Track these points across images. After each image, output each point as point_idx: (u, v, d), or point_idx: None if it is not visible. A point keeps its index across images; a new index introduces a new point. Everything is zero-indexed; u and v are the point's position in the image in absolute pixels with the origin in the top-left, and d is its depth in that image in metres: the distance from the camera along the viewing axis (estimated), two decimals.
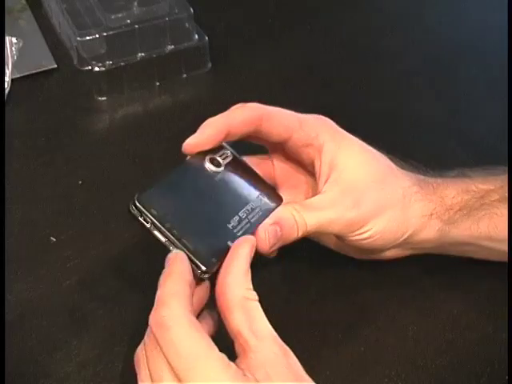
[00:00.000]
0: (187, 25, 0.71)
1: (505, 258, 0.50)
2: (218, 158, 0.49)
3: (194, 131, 0.52)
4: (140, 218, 0.44)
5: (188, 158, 0.48)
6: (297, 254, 0.55)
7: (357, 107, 0.70)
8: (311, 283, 0.54)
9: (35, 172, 0.63)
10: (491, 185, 0.51)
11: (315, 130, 0.50)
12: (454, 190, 0.51)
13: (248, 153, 0.52)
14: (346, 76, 0.74)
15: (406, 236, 0.50)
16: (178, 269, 0.42)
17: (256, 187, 0.49)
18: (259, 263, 0.54)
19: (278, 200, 0.49)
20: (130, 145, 0.65)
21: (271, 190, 0.50)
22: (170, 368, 0.39)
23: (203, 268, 0.43)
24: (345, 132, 0.51)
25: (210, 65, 0.73)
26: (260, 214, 0.47)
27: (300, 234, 0.47)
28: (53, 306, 0.53)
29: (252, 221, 0.47)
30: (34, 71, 0.72)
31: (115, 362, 0.49)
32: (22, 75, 0.71)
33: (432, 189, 0.51)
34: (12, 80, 0.70)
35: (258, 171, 0.51)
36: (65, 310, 0.52)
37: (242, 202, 0.48)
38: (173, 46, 0.71)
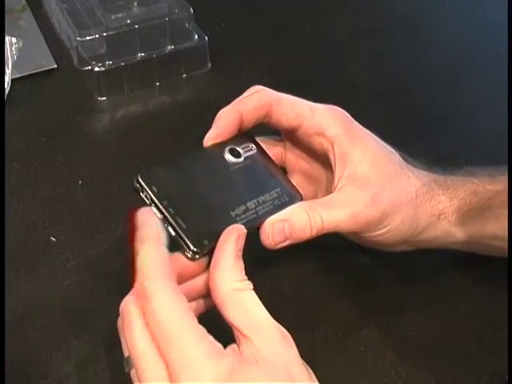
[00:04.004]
0: (187, 25, 0.71)
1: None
2: (240, 149, 0.48)
3: (193, 131, 0.52)
4: (141, 194, 0.44)
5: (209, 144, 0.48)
6: (297, 254, 0.55)
7: (357, 107, 0.70)
8: (311, 283, 0.54)
9: (35, 172, 0.63)
10: (498, 185, 0.51)
11: (326, 121, 0.50)
12: (462, 192, 0.51)
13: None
14: (346, 76, 0.74)
15: (414, 234, 0.50)
16: (151, 233, 0.42)
17: (275, 182, 0.48)
18: (260, 263, 0.54)
19: (296, 198, 0.48)
20: (129, 145, 0.65)
21: (291, 187, 0.49)
22: (151, 338, 0.39)
23: (192, 248, 0.43)
24: (358, 125, 0.51)
25: (209, 65, 0.73)
26: (271, 207, 0.47)
27: (314, 233, 0.46)
28: (53, 306, 0.53)
29: (260, 213, 0.46)
30: (34, 71, 0.72)
31: (115, 361, 0.49)
32: (22, 75, 0.71)
33: (441, 190, 0.51)
34: (12, 80, 0.70)
35: (279, 166, 0.50)
36: (65, 310, 0.52)
37: (254, 193, 0.47)
38: (173, 46, 0.71)
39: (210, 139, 0.48)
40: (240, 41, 0.77)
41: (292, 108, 0.50)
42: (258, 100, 0.49)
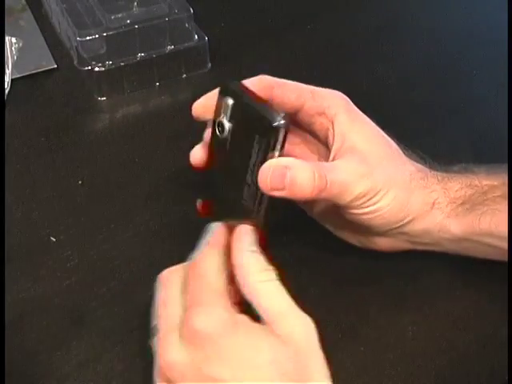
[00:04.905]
0: (187, 25, 0.71)
1: (504, 257, 0.50)
2: (223, 120, 0.47)
3: (193, 131, 0.52)
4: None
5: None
6: (297, 253, 0.55)
7: (357, 107, 0.70)
8: (311, 283, 0.54)
9: (35, 172, 0.63)
10: (494, 181, 0.51)
11: (327, 101, 0.51)
12: (457, 184, 0.51)
13: None
14: (347, 76, 0.74)
15: (406, 221, 0.49)
16: (218, 241, 0.46)
17: (257, 130, 0.46)
18: None
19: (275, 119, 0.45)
20: (129, 145, 0.65)
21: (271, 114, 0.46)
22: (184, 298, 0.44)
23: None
24: (358, 110, 0.51)
25: (209, 65, 0.73)
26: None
27: (314, 194, 0.46)
28: (53, 306, 0.53)
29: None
30: (34, 71, 0.72)
31: (115, 362, 0.49)
32: (22, 75, 0.71)
33: (436, 180, 0.51)
34: (12, 80, 0.70)
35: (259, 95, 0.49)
36: (65, 310, 0.52)
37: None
38: (173, 46, 0.71)
39: (195, 108, 0.50)
40: (240, 41, 0.77)
41: (293, 90, 0.51)
42: (259, 82, 0.51)
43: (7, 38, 0.72)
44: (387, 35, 0.79)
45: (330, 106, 0.50)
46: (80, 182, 0.62)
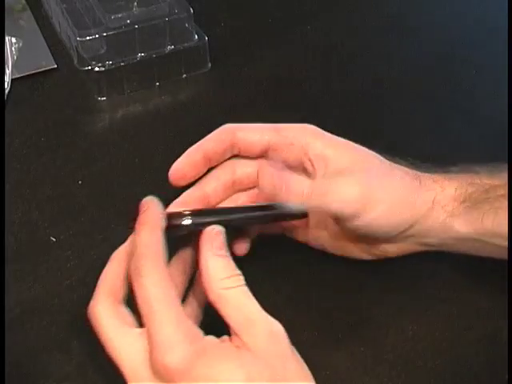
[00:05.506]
0: (187, 25, 0.71)
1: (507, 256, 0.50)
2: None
3: (193, 131, 0.52)
4: None
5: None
6: (297, 254, 0.55)
7: (357, 107, 0.70)
8: (311, 283, 0.54)
9: (35, 172, 0.63)
10: (497, 180, 0.51)
11: (293, 132, 0.51)
12: (456, 182, 0.51)
13: None
14: (347, 76, 0.74)
15: (409, 223, 0.49)
16: (150, 218, 0.44)
17: None
18: (260, 263, 0.54)
19: None
20: (129, 145, 0.65)
21: None
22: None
23: None
24: (331, 134, 0.51)
25: (209, 65, 0.73)
26: None
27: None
28: (53, 305, 0.53)
29: None
30: (33, 71, 0.72)
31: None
32: (22, 75, 0.71)
33: (432, 181, 0.51)
34: (12, 80, 0.70)
35: None
36: (65, 310, 0.52)
37: None
38: (173, 46, 0.71)
39: (174, 172, 0.50)
40: (240, 41, 0.77)
41: (256, 131, 0.51)
42: (218, 131, 0.51)
43: (7, 38, 0.72)
44: (387, 35, 0.79)
45: (298, 136, 0.50)
46: (80, 182, 0.62)
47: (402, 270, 0.55)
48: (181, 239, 0.47)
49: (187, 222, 0.46)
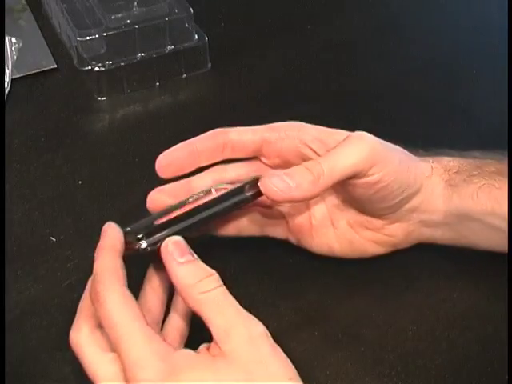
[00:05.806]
0: (187, 25, 0.71)
1: (505, 242, 0.50)
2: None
3: (193, 131, 0.52)
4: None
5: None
6: (297, 254, 0.55)
7: (357, 107, 0.70)
8: (311, 283, 0.54)
9: (35, 172, 0.63)
10: (488, 159, 0.52)
11: (284, 127, 0.51)
12: (448, 156, 0.53)
13: None
14: (346, 76, 0.74)
15: (411, 190, 0.50)
16: (108, 242, 0.45)
17: None
18: (259, 263, 0.54)
19: None
20: (129, 145, 0.65)
21: None
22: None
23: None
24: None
25: (209, 65, 0.73)
26: None
27: (323, 187, 0.47)
28: (53, 306, 0.53)
29: None
30: (34, 71, 0.72)
31: None
32: (22, 75, 0.71)
33: (427, 156, 0.52)
34: (12, 80, 0.70)
35: None
36: (65, 310, 0.52)
37: None
38: (173, 46, 0.71)
39: (160, 163, 0.51)
40: (240, 41, 0.77)
41: (248, 130, 0.51)
42: (211, 131, 0.51)
43: (7, 38, 0.72)
44: (387, 35, 0.79)
45: (289, 129, 0.51)
46: (80, 182, 0.62)
47: (402, 270, 0.55)
48: (151, 259, 0.47)
49: (143, 245, 0.46)
